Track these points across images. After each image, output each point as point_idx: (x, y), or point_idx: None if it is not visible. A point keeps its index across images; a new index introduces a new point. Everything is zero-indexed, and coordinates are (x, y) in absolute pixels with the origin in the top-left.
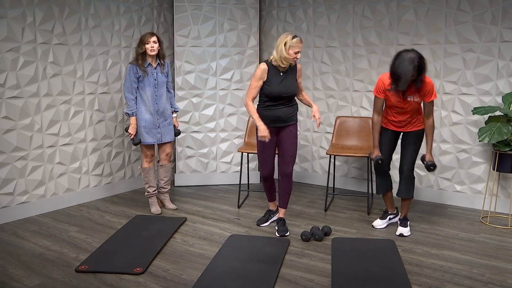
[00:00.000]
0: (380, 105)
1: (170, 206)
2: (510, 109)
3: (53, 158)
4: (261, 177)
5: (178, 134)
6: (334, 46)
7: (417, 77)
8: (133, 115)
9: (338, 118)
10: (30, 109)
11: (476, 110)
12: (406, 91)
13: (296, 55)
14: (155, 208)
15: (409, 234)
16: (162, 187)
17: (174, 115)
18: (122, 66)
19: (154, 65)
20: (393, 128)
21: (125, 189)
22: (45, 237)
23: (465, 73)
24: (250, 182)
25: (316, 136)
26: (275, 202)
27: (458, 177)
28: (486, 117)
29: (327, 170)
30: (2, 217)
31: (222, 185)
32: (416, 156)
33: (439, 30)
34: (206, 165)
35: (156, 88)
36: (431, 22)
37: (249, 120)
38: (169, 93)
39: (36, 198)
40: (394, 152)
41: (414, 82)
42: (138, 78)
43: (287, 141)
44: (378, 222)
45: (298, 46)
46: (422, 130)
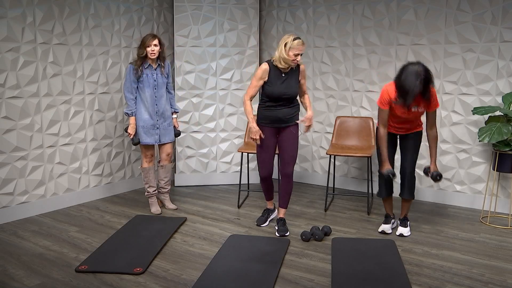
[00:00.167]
0: (386, 117)
1: (170, 206)
2: (510, 109)
3: (53, 158)
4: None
5: (178, 135)
6: (334, 46)
7: (424, 90)
8: (132, 115)
9: (338, 118)
10: (30, 109)
11: (476, 110)
12: (412, 102)
13: (296, 58)
14: (155, 208)
15: (409, 234)
16: (162, 187)
17: (174, 116)
18: (122, 66)
19: (154, 66)
20: (393, 131)
21: (125, 189)
22: (45, 237)
23: (465, 73)
24: (250, 182)
25: (316, 136)
26: (273, 201)
27: (458, 177)
28: (486, 117)
29: (327, 170)
30: (2, 217)
31: (222, 185)
32: (417, 156)
33: (439, 30)
34: (206, 165)
35: (155, 89)
36: (431, 22)
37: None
38: (169, 93)
39: (36, 198)
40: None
41: (421, 94)
42: (138, 78)
43: (288, 141)
44: (386, 227)
45: (299, 48)
46: (421, 131)
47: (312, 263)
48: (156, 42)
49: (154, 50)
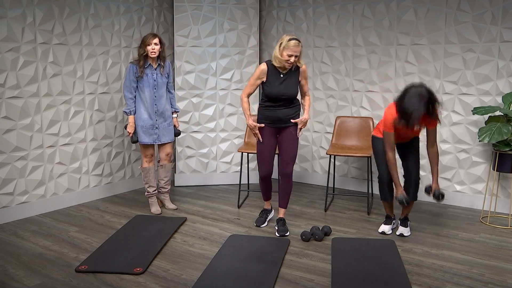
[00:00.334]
0: (393, 140)
1: (170, 206)
2: (510, 109)
3: (53, 158)
4: (259, 176)
5: (178, 134)
6: (334, 46)
7: (428, 111)
8: (130, 114)
9: (338, 118)
10: (30, 109)
11: (476, 110)
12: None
13: (289, 59)
14: (155, 208)
15: (409, 234)
16: (162, 187)
17: (175, 116)
18: (122, 66)
19: (155, 66)
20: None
21: (125, 189)
22: (45, 237)
23: (465, 73)
24: (250, 182)
25: (316, 136)
26: (270, 201)
27: (458, 177)
28: (486, 117)
29: (327, 170)
30: (2, 217)
31: (222, 185)
32: (419, 157)
33: (439, 30)
34: (206, 165)
35: (155, 89)
36: (431, 22)
37: None
38: (169, 93)
39: (36, 198)
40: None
41: (426, 114)
42: (137, 78)
43: (287, 141)
44: (386, 228)
45: (293, 49)
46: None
47: (312, 263)
48: (156, 41)
49: (154, 49)
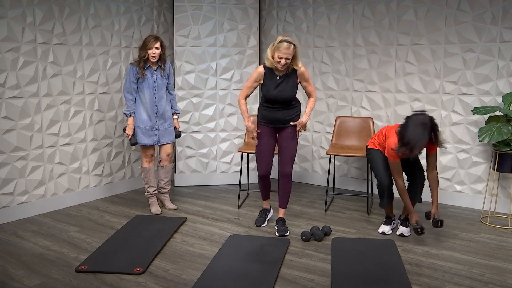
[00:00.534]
0: (400, 168)
1: (170, 206)
2: (510, 109)
3: (53, 158)
4: (258, 175)
5: (179, 136)
6: (334, 46)
7: (431, 139)
8: (130, 116)
9: (338, 118)
10: (30, 109)
11: (476, 110)
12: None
13: (280, 60)
14: (155, 208)
15: (409, 234)
16: (162, 187)
17: (175, 117)
18: (122, 66)
19: (154, 67)
20: None
21: (125, 189)
22: (45, 237)
23: (465, 73)
24: (250, 182)
25: (316, 136)
26: (269, 200)
27: (458, 177)
28: (486, 117)
29: (327, 170)
30: (2, 217)
31: (222, 185)
32: (420, 162)
33: (439, 30)
34: (206, 165)
35: (155, 90)
36: (431, 22)
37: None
38: (170, 94)
39: (36, 198)
40: None
41: (430, 142)
42: (137, 79)
43: (287, 141)
44: (386, 228)
45: (283, 51)
46: None
47: (312, 263)
48: (158, 45)
49: (155, 54)
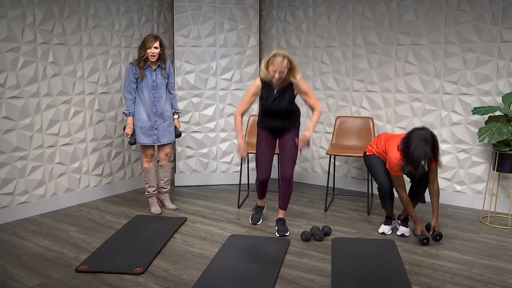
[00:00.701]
0: (403, 181)
1: (170, 206)
2: (510, 109)
3: (53, 158)
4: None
5: (179, 136)
6: (334, 46)
7: (433, 153)
8: (129, 115)
9: (338, 118)
10: (30, 109)
11: (476, 110)
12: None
13: (274, 74)
14: (155, 208)
15: (409, 234)
16: (162, 187)
17: (176, 117)
18: (122, 66)
19: (154, 67)
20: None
21: (125, 189)
22: (45, 237)
23: (465, 73)
24: (250, 182)
25: (316, 136)
26: (265, 199)
27: (458, 177)
28: (486, 117)
29: (327, 170)
30: (2, 217)
31: (222, 185)
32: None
33: (439, 30)
34: (206, 165)
35: (154, 90)
36: (431, 22)
37: (249, 120)
38: (170, 94)
39: (36, 198)
40: None
41: (432, 157)
42: (136, 79)
43: (287, 144)
44: (386, 228)
45: (276, 65)
46: None
47: (312, 263)
48: (157, 44)
49: (154, 53)
